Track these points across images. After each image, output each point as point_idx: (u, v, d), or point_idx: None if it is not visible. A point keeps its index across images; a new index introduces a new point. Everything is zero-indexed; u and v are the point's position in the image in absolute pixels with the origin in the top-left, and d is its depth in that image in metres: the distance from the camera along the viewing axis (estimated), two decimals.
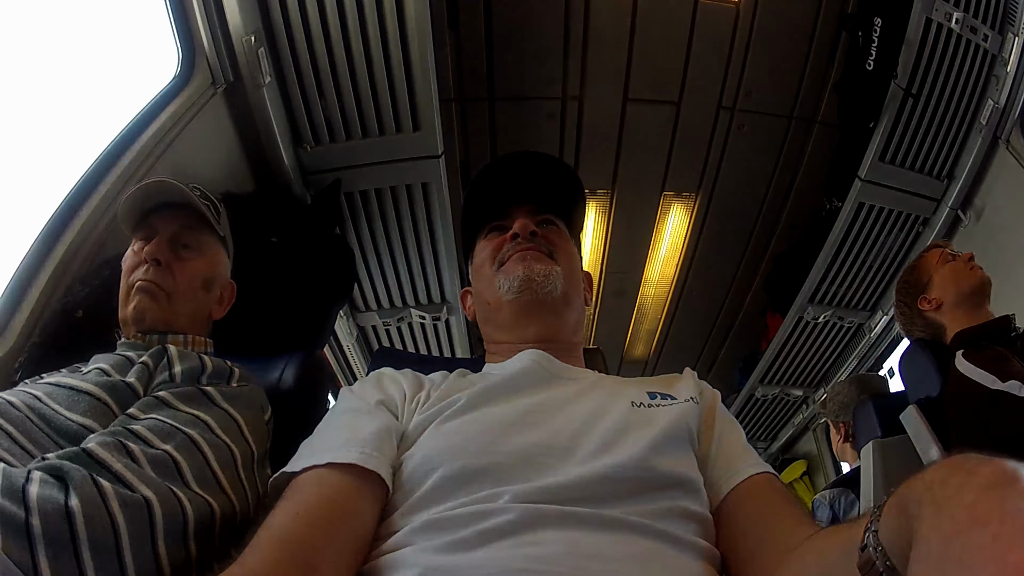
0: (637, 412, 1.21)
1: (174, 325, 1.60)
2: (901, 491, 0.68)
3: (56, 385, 1.31)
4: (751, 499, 1.12)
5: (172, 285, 1.61)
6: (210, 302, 1.72)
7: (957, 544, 0.55)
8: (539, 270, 1.42)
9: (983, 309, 2.35)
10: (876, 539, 0.70)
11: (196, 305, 1.66)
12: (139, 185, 1.69)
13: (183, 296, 1.62)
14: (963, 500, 0.57)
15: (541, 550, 0.91)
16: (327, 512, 0.97)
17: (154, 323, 1.58)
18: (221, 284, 1.77)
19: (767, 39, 4.00)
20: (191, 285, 1.65)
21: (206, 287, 1.70)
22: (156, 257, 1.61)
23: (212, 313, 1.73)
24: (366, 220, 3.64)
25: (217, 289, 1.75)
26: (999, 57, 3.32)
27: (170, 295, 1.60)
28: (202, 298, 1.69)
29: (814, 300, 4.49)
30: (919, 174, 3.72)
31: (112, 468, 1.04)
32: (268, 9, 2.74)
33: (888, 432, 2.47)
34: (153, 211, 1.70)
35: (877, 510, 0.73)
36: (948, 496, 0.59)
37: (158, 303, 1.58)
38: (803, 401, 5.64)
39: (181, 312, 1.62)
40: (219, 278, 1.76)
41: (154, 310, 1.58)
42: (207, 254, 1.73)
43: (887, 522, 0.70)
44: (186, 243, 1.68)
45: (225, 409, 1.33)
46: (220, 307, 1.77)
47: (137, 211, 1.69)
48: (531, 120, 4.34)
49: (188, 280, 1.64)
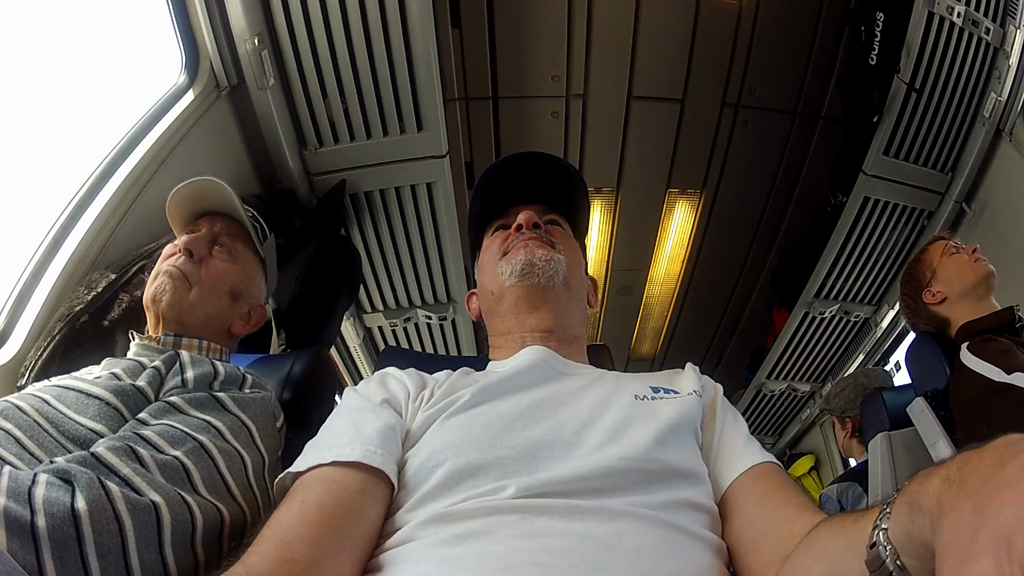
0: (640, 405, 1.22)
1: (186, 319, 1.60)
2: (912, 488, 0.67)
3: (65, 388, 1.31)
4: (753, 489, 1.12)
5: (196, 278, 1.63)
6: (233, 314, 1.72)
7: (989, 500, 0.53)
8: (541, 255, 1.43)
9: (987, 301, 2.34)
10: (886, 536, 0.70)
11: (217, 309, 1.66)
12: (189, 181, 1.72)
13: (204, 293, 1.63)
14: (984, 465, 0.57)
15: (549, 542, 0.91)
16: (332, 510, 0.97)
17: (167, 308, 1.59)
18: (251, 302, 1.77)
19: (770, 36, 4.01)
20: (216, 285, 1.66)
21: (233, 296, 1.70)
22: (190, 248, 1.64)
23: (233, 327, 1.73)
24: (371, 221, 3.64)
25: (245, 305, 1.75)
26: (1001, 50, 3.31)
27: (192, 287, 1.62)
28: (225, 304, 1.68)
29: (820, 295, 4.49)
30: (923, 168, 3.71)
31: (120, 472, 1.04)
32: (271, 11, 2.74)
33: (896, 425, 2.47)
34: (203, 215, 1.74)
35: (886, 507, 0.72)
36: (968, 473, 0.58)
37: (176, 290, 1.60)
38: (810, 396, 5.63)
39: (198, 308, 1.62)
40: (249, 294, 1.76)
41: (170, 294, 1.59)
42: (241, 262, 1.74)
43: (898, 520, 0.69)
44: (222, 244, 1.71)
45: (237, 415, 1.33)
46: (245, 324, 1.76)
47: (187, 213, 1.74)
48: (536, 119, 4.35)
49: (214, 278, 1.66)
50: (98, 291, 1.92)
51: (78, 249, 2.02)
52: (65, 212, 2.07)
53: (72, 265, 1.99)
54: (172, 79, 2.62)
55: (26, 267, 1.93)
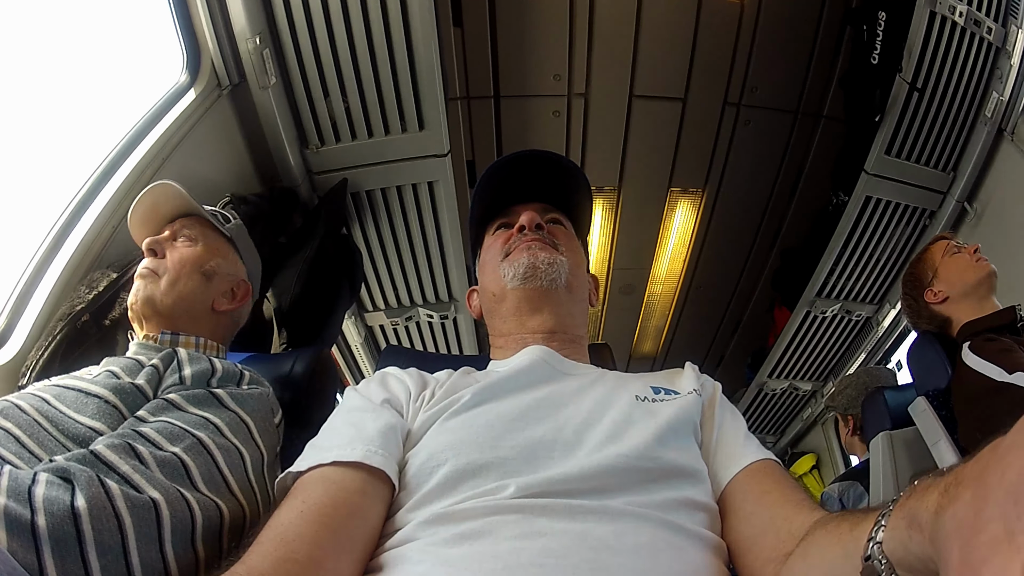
0: (641, 405, 1.22)
1: (162, 308, 1.62)
2: (910, 504, 0.65)
3: (65, 388, 1.31)
4: (751, 486, 1.11)
5: (164, 268, 1.65)
6: (211, 293, 1.72)
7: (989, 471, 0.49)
8: (543, 258, 1.43)
9: (989, 300, 2.34)
10: (881, 550, 0.69)
11: (190, 289, 1.67)
12: (138, 198, 1.75)
13: (173, 278, 1.65)
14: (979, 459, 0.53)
15: (549, 542, 0.91)
16: (332, 510, 0.97)
17: (143, 305, 1.62)
18: (230, 279, 1.78)
19: (772, 35, 4.00)
20: (183, 268, 1.67)
21: (206, 275, 1.71)
22: (152, 248, 1.68)
23: (215, 304, 1.73)
24: (373, 220, 3.64)
25: (223, 283, 1.76)
26: (1003, 50, 3.31)
27: (161, 276, 1.64)
28: (197, 284, 1.69)
29: (822, 294, 4.48)
30: (925, 167, 3.71)
31: (119, 470, 1.04)
32: (272, 10, 2.74)
33: (897, 424, 2.47)
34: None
35: (881, 518, 0.71)
36: (964, 472, 0.55)
37: (147, 285, 1.63)
38: (812, 395, 5.63)
39: (169, 293, 1.63)
40: (222, 271, 1.77)
41: (142, 291, 1.62)
42: (205, 243, 1.75)
43: (894, 534, 0.68)
44: (185, 236, 1.73)
45: (235, 412, 1.34)
46: (229, 301, 1.77)
47: (151, 231, 1.76)
48: (537, 118, 4.34)
49: (180, 262, 1.68)
50: (99, 290, 1.92)
51: (79, 248, 2.02)
52: (66, 211, 2.08)
53: (73, 264, 2.00)
54: (173, 78, 2.62)
55: (27, 266, 1.93)
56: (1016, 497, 0.44)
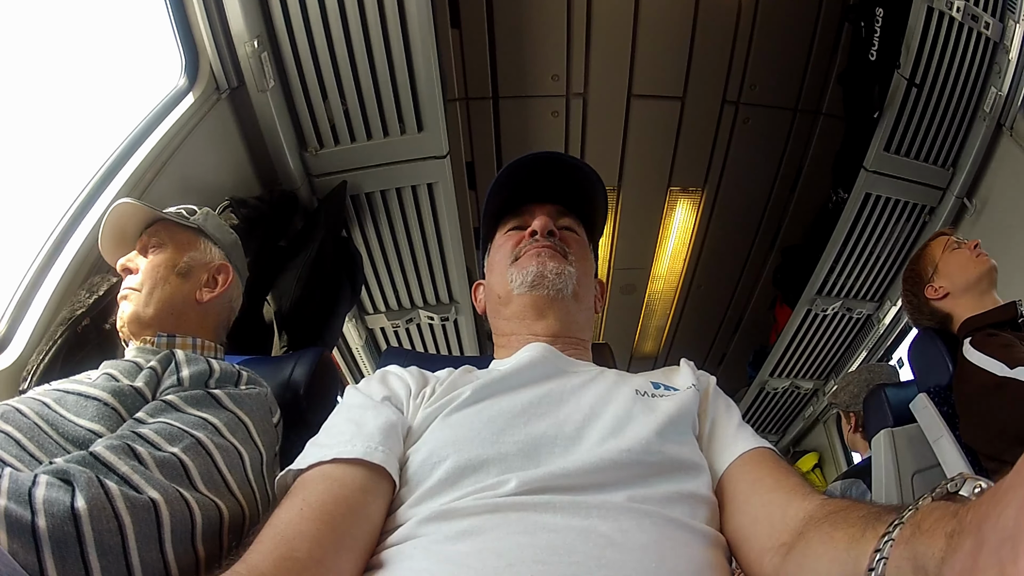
0: (641, 401, 1.22)
1: (147, 319, 1.62)
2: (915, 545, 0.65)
3: (65, 391, 1.32)
4: (745, 475, 1.12)
5: (140, 282, 1.66)
6: (191, 288, 1.72)
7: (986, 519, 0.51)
8: (552, 267, 1.44)
9: (990, 296, 2.33)
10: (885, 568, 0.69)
11: (169, 292, 1.67)
12: (104, 218, 1.77)
13: (151, 287, 1.66)
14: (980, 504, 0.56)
15: (551, 538, 0.91)
16: (333, 507, 0.97)
17: (130, 322, 1.63)
18: (207, 268, 1.78)
19: (770, 32, 4.00)
20: (157, 275, 1.68)
21: (181, 274, 1.71)
22: (125, 267, 1.70)
23: (198, 297, 1.73)
24: (373, 222, 3.64)
25: (200, 273, 1.76)
26: (1001, 45, 3.31)
27: (140, 290, 1.65)
28: (175, 285, 1.69)
29: (822, 292, 4.49)
30: (924, 163, 3.72)
31: (119, 471, 1.04)
32: (270, 13, 2.75)
33: (899, 421, 2.47)
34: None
35: (882, 545, 0.70)
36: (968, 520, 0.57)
37: (130, 303, 1.64)
38: (813, 393, 5.63)
39: (151, 303, 1.64)
40: (196, 262, 1.77)
41: (128, 309, 1.64)
42: (174, 243, 1.75)
43: (897, 573, 0.67)
44: (154, 244, 1.74)
45: (233, 412, 1.34)
46: (211, 290, 1.76)
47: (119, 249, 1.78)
48: (536, 118, 4.34)
49: (151, 270, 1.68)
50: (100, 294, 1.92)
51: (80, 252, 2.02)
52: (67, 215, 2.08)
53: (74, 269, 2.00)
54: (172, 82, 2.62)
55: (28, 271, 1.93)
56: (1012, 541, 0.46)
